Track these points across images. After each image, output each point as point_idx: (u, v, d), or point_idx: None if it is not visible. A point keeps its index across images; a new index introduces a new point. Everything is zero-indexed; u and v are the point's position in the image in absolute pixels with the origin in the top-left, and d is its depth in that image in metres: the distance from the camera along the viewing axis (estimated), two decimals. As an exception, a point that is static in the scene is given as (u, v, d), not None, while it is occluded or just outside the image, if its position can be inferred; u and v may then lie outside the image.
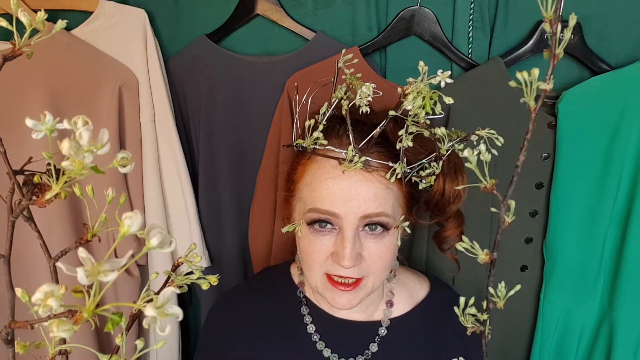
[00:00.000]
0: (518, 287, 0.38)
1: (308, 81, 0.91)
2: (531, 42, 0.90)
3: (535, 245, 0.96)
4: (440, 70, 0.58)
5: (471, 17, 0.92)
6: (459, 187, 0.67)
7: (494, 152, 0.61)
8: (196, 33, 0.98)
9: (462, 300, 0.39)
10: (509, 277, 0.97)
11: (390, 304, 0.77)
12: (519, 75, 0.32)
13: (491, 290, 0.37)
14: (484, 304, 0.38)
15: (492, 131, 0.58)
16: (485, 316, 0.38)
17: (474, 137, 0.62)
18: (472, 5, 0.92)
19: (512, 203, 0.35)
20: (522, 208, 0.95)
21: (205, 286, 0.42)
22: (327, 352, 0.74)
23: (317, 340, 0.74)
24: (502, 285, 0.37)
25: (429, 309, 0.78)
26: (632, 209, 0.89)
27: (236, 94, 0.99)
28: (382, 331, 0.75)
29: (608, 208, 0.91)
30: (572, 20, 0.29)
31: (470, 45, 0.94)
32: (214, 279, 0.42)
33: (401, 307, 0.78)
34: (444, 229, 0.75)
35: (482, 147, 0.35)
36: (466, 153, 0.35)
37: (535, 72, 0.31)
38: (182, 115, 1.03)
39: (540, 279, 0.98)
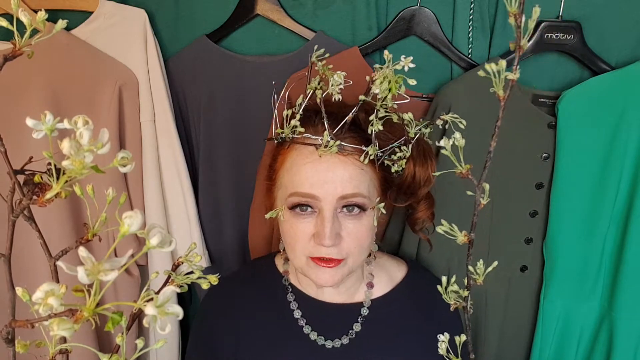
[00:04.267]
0: (495, 263, 0.39)
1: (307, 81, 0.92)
2: (531, 42, 0.90)
3: (535, 245, 0.96)
4: (403, 56, 0.62)
5: (471, 17, 0.93)
6: (435, 174, 0.72)
7: (462, 142, 0.64)
8: (196, 33, 0.98)
9: (444, 278, 0.40)
10: (509, 277, 0.97)
11: (370, 285, 0.80)
12: (487, 66, 0.33)
13: (470, 268, 0.39)
14: (465, 281, 0.40)
15: (455, 115, 0.61)
16: (466, 292, 0.40)
17: (439, 122, 0.66)
18: (472, 5, 0.92)
19: (486, 186, 0.36)
20: (522, 208, 0.95)
21: (205, 286, 0.42)
22: (313, 335, 0.77)
23: (303, 324, 0.78)
24: (480, 263, 0.38)
25: (408, 288, 0.82)
26: (632, 209, 0.89)
27: (236, 94, 0.99)
28: (365, 311, 0.79)
29: (608, 208, 0.91)
30: (535, 14, 0.31)
31: (470, 45, 0.94)
32: (214, 279, 0.42)
33: (381, 288, 0.81)
34: (415, 211, 0.79)
35: (457, 134, 0.37)
36: (442, 142, 0.37)
37: (503, 62, 0.32)
38: (182, 115, 1.03)
39: (540, 279, 0.98)
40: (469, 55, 0.94)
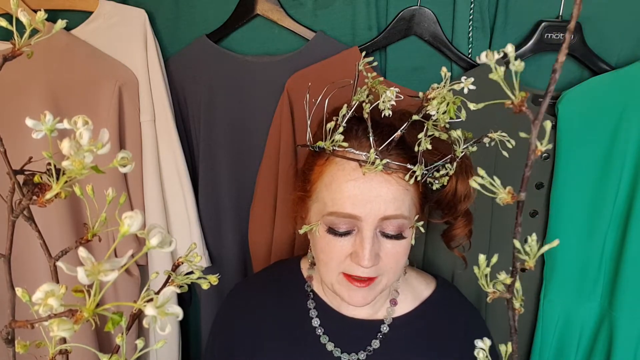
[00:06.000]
0: (556, 241, 0.30)
1: (308, 81, 0.92)
2: (531, 42, 0.90)
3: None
4: (464, 77, 0.58)
5: (471, 17, 0.92)
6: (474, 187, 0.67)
7: (505, 154, 0.62)
8: (196, 33, 0.98)
9: (481, 257, 0.32)
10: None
11: (394, 302, 0.78)
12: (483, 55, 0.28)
13: (517, 243, 0.28)
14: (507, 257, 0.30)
15: (503, 134, 0.59)
16: (509, 280, 0.30)
17: (486, 140, 0.63)
18: (472, 5, 0.92)
19: (548, 124, 0.29)
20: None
21: (205, 286, 0.42)
22: (330, 346, 0.75)
23: (320, 334, 0.76)
24: (532, 238, 0.29)
25: (432, 309, 0.79)
26: (632, 209, 0.89)
27: (236, 94, 0.99)
28: (385, 329, 0.77)
29: (608, 208, 0.91)
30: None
31: (470, 45, 0.94)
32: (214, 279, 0.42)
33: (405, 306, 0.79)
34: (453, 227, 0.77)
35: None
36: (479, 179, 0.30)
37: (520, 66, 0.28)
38: (182, 115, 1.03)
39: (540, 279, 0.98)
40: (469, 55, 0.94)
